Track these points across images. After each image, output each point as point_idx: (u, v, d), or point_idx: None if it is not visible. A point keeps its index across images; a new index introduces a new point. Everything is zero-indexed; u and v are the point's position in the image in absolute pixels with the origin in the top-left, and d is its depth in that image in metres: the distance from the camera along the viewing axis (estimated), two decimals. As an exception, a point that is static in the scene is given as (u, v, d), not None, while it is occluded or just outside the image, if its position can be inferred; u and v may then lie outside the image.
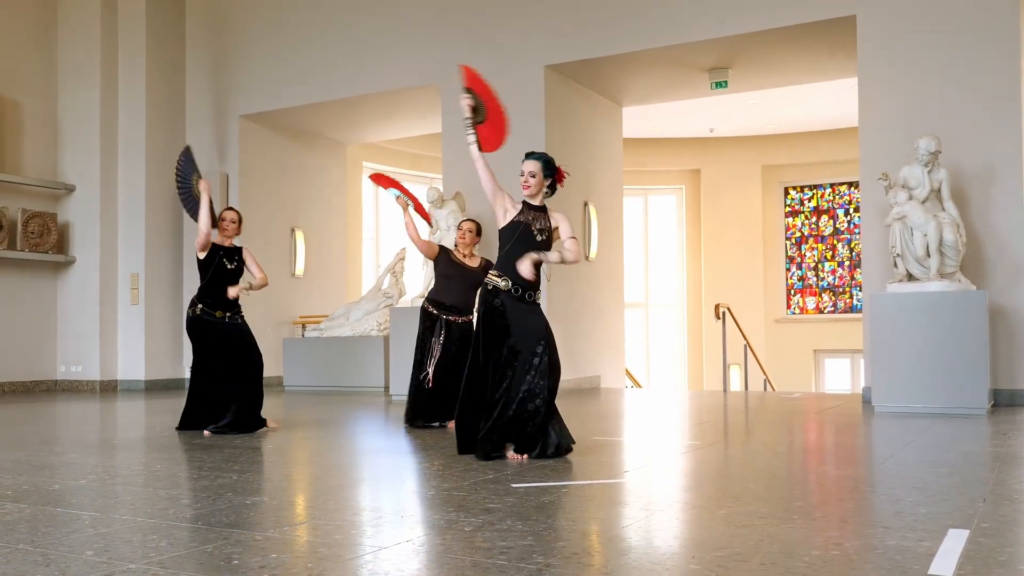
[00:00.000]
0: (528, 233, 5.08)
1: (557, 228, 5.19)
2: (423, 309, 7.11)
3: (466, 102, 5.21)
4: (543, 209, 5.19)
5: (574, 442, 5.09)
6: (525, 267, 4.96)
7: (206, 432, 6.51)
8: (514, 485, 4.09)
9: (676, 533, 3.22)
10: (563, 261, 5.12)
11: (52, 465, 4.96)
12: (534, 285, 5.11)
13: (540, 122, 10.57)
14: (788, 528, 3.17)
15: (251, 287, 6.92)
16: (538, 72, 10.67)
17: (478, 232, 7.29)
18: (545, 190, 5.19)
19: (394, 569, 2.67)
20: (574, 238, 5.16)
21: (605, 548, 2.92)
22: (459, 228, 7.28)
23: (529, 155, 5.20)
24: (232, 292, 6.69)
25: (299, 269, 13.44)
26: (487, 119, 5.28)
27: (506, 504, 3.64)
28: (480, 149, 5.22)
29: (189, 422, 6.72)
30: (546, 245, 5.13)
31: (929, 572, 2.56)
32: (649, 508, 3.63)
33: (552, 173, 5.18)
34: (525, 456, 4.93)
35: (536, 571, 2.59)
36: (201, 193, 6.79)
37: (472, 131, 5.21)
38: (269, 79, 12.60)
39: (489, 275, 5.14)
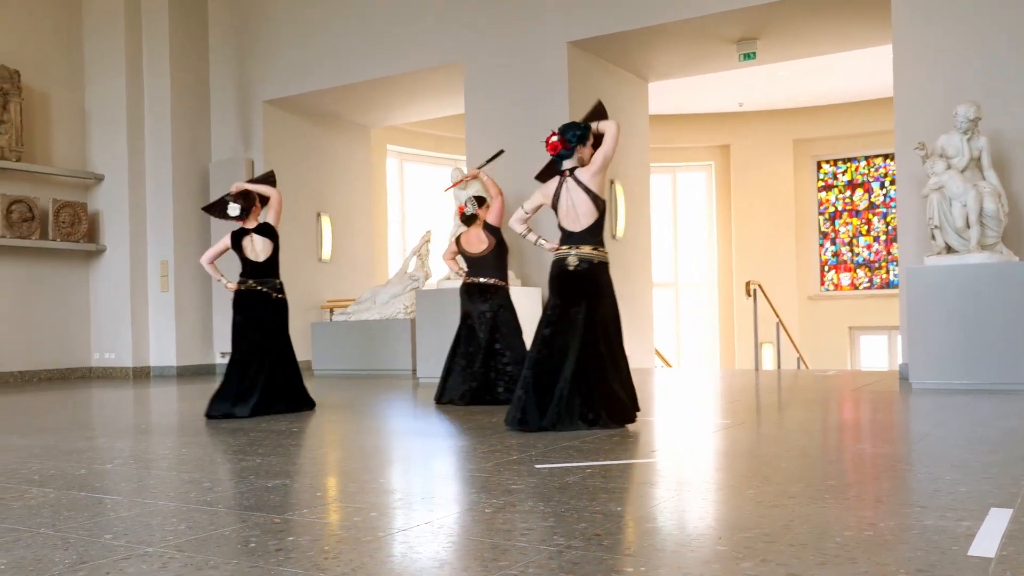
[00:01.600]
0: None
1: None
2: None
3: None
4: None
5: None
6: None
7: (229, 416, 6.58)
8: (538, 466, 4.02)
9: (703, 514, 3.12)
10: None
11: (80, 450, 4.96)
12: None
13: (564, 100, 10.45)
14: (820, 508, 3.06)
15: None
16: (561, 49, 10.53)
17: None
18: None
19: (410, 551, 2.61)
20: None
21: (628, 529, 2.84)
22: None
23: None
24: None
25: (326, 254, 13.43)
26: None
27: (529, 485, 3.57)
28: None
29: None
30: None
31: (969, 553, 2.44)
32: (676, 488, 3.54)
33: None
34: None
35: (556, 553, 2.52)
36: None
37: None
38: (292, 64, 12.57)
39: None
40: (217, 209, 6.90)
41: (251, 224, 6.78)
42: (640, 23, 10.13)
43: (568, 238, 5.43)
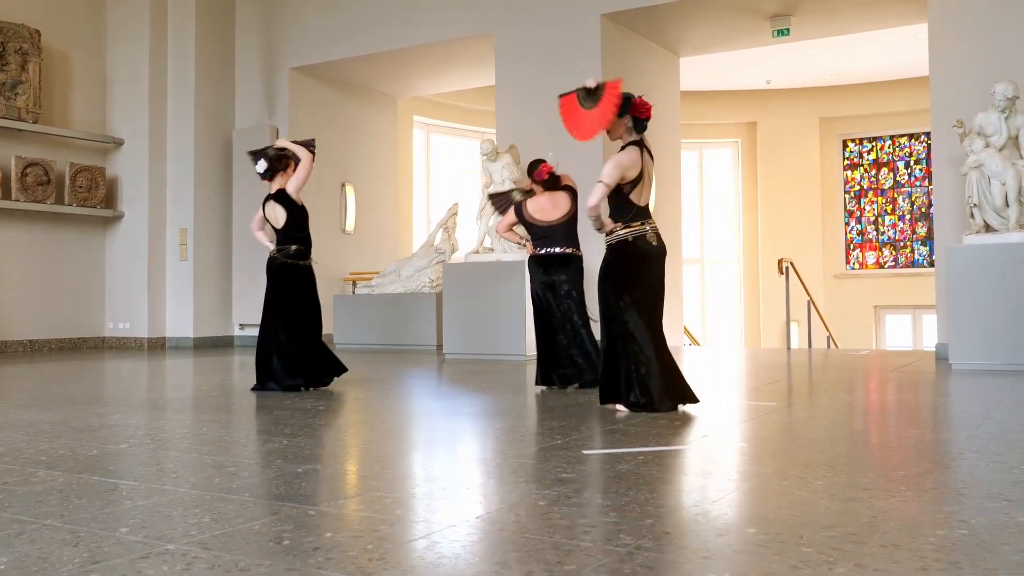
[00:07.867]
0: None
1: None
2: None
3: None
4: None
5: None
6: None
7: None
8: (585, 452, 3.76)
9: (775, 507, 2.85)
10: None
11: (92, 427, 4.72)
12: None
13: (596, 74, 10.13)
14: (900, 502, 2.81)
15: None
16: (594, 21, 10.25)
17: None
18: (629, 125, 4.91)
19: (464, 551, 2.35)
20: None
21: (699, 526, 2.58)
22: None
23: None
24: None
25: (349, 225, 13.20)
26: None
27: (580, 474, 3.31)
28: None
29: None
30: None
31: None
32: (739, 478, 3.29)
33: (627, 110, 4.83)
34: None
35: (627, 555, 2.26)
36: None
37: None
38: (319, 31, 12.29)
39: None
40: (255, 157, 6.66)
41: (275, 188, 6.56)
42: (675, -5, 9.83)
43: (643, 212, 5.04)
